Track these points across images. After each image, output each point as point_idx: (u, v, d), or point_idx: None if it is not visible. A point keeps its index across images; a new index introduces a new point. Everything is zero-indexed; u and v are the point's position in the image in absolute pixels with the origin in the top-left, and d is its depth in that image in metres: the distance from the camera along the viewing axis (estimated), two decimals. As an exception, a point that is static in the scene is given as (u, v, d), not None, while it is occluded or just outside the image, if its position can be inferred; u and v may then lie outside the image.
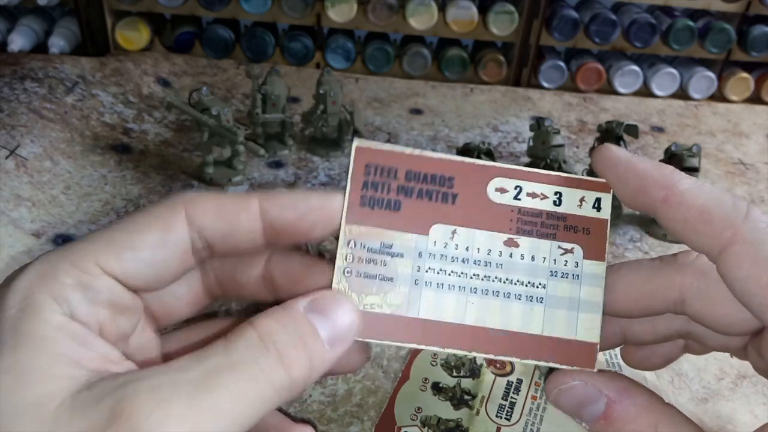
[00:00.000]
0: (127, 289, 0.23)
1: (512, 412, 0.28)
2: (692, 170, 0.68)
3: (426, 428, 0.40)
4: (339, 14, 1.01)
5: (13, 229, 0.62)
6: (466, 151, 0.69)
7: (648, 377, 0.52)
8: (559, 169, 0.74)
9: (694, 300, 0.24)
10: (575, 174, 0.29)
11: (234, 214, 0.24)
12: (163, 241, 0.23)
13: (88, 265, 0.22)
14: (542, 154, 0.74)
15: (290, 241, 0.25)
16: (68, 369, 0.20)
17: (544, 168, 0.72)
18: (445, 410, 0.41)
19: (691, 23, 1.04)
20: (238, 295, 0.27)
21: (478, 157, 0.68)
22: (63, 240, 0.63)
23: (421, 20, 1.02)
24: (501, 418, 0.29)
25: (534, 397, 0.29)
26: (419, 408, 0.42)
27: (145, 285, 0.23)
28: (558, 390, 0.25)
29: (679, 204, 0.22)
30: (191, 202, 0.23)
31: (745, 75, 1.09)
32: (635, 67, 1.07)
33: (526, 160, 0.78)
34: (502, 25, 1.03)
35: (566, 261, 0.25)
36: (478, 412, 0.41)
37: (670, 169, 0.24)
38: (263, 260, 0.26)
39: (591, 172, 0.75)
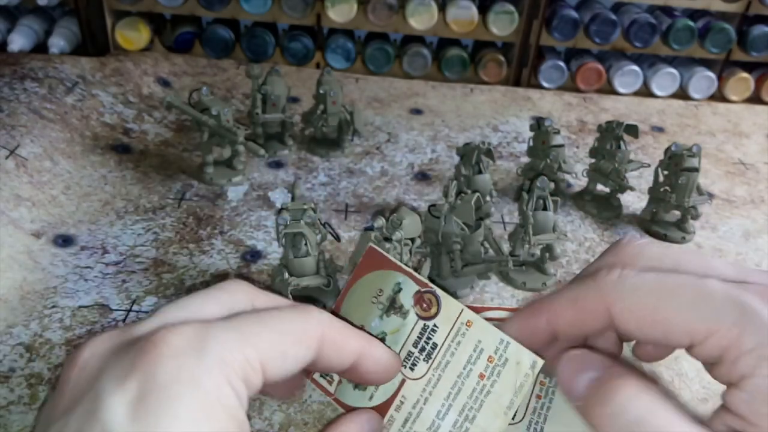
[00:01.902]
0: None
1: (417, 366, 0.27)
2: (692, 170, 0.68)
3: None
4: (339, 14, 1.01)
5: (13, 229, 0.61)
6: (466, 150, 0.69)
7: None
8: (559, 169, 0.74)
9: (621, 322, 0.24)
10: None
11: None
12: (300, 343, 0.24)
13: (254, 362, 0.22)
14: (542, 154, 0.74)
15: None
16: None
17: (543, 168, 0.73)
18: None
19: (691, 23, 1.04)
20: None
21: (479, 157, 0.68)
22: (63, 240, 0.63)
23: (421, 20, 1.02)
24: (405, 367, 0.28)
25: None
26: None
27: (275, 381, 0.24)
28: (567, 356, 0.25)
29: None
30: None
31: (745, 75, 1.09)
32: (635, 67, 1.07)
33: (526, 160, 0.78)
34: (502, 25, 1.03)
35: None
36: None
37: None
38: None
39: (591, 172, 0.75)
